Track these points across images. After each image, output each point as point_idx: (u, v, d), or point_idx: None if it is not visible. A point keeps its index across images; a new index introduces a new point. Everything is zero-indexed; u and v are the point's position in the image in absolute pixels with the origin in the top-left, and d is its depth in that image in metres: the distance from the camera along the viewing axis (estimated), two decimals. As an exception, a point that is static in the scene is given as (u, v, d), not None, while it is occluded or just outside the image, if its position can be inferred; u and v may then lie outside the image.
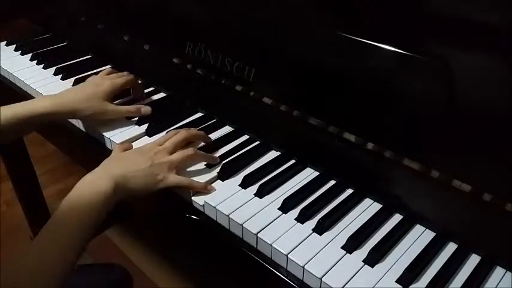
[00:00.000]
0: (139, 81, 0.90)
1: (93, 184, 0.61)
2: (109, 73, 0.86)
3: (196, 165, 0.71)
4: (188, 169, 0.70)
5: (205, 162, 0.71)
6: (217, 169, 0.70)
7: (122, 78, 0.84)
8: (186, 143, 0.72)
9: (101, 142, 0.80)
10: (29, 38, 1.16)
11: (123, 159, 0.67)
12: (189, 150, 0.69)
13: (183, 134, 0.72)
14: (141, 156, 0.67)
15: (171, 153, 0.68)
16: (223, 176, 0.69)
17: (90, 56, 1.08)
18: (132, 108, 0.81)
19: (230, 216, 0.62)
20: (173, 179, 0.66)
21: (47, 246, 0.55)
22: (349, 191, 0.68)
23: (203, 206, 0.65)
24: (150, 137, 0.79)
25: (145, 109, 0.82)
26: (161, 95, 0.92)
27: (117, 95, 0.84)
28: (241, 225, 0.61)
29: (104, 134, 0.79)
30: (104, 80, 0.83)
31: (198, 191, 0.67)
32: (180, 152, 0.69)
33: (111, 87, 0.81)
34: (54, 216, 0.57)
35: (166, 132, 0.79)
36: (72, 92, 0.82)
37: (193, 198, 0.66)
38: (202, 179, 0.68)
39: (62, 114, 0.77)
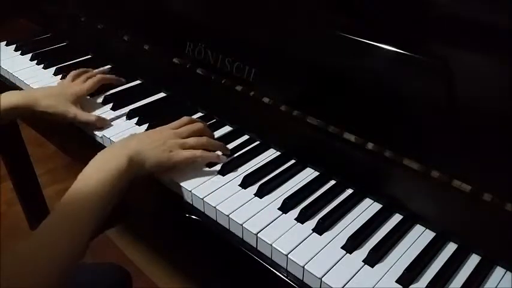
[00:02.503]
0: (109, 74, 0.94)
1: (108, 161, 0.63)
2: (78, 73, 0.89)
3: (197, 164, 0.71)
4: (189, 168, 0.70)
5: (209, 161, 0.71)
6: (218, 169, 0.70)
7: (88, 82, 0.86)
8: (199, 135, 0.73)
9: (101, 142, 0.80)
10: (29, 38, 1.16)
11: (137, 137, 0.70)
12: (203, 138, 0.72)
13: (199, 125, 0.74)
14: (155, 134, 0.70)
15: (185, 138, 0.70)
16: (223, 175, 0.70)
17: (90, 56, 1.08)
18: (91, 118, 0.82)
19: (230, 216, 0.62)
20: (185, 153, 0.68)
21: (59, 223, 0.56)
22: (349, 191, 0.68)
23: (203, 206, 0.65)
24: (150, 137, 0.79)
25: (102, 121, 0.82)
26: (161, 95, 0.92)
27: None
28: (241, 225, 0.61)
29: (104, 134, 0.79)
30: (73, 83, 0.86)
31: (212, 161, 0.70)
32: (194, 137, 0.71)
33: (78, 91, 0.84)
34: (68, 193, 0.58)
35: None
36: (42, 89, 0.89)
37: (193, 198, 0.66)
38: (202, 178, 0.68)
39: (27, 107, 0.80)
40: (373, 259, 0.57)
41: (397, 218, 0.63)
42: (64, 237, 0.54)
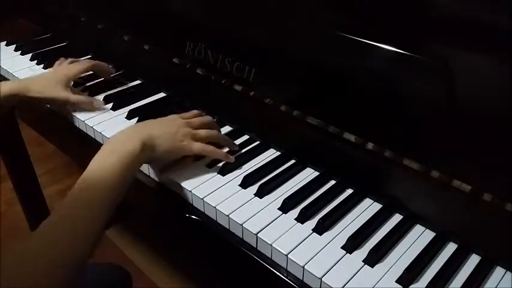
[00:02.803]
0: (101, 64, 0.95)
1: (121, 145, 0.63)
2: (65, 59, 0.92)
3: (197, 164, 0.71)
4: (189, 168, 0.70)
5: (217, 158, 0.71)
6: (218, 169, 0.70)
7: (76, 65, 0.88)
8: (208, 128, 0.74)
9: (101, 142, 0.80)
10: (29, 38, 1.16)
11: (151, 123, 0.70)
12: (214, 131, 0.72)
13: (209, 118, 0.75)
14: (168, 122, 0.70)
15: (195, 129, 0.71)
16: (223, 175, 0.70)
17: (90, 56, 1.08)
18: (83, 98, 0.84)
19: (230, 216, 0.62)
20: (197, 146, 0.68)
21: (61, 222, 0.55)
22: (349, 191, 0.68)
23: (203, 206, 0.65)
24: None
25: (97, 103, 0.85)
26: (161, 95, 0.92)
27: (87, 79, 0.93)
28: (241, 225, 0.61)
29: (104, 133, 0.79)
30: (61, 66, 0.89)
31: (220, 159, 0.71)
32: (205, 130, 0.71)
33: (66, 72, 0.85)
34: (79, 181, 0.58)
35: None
36: (34, 76, 0.90)
37: (193, 198, 0.66)
38: (202, 178, 0.68)
39: (20, 94, 0.81)
40: (373, 259, 0.57)
41: (397, 218, 0.63)
42: (65, 235, 0.53)
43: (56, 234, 0.53)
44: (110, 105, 0.87)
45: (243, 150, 0.75)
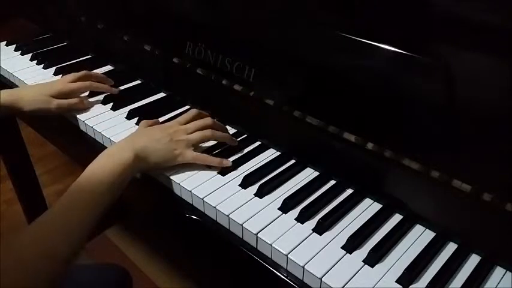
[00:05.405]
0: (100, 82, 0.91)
1: (115, 154, 0.65)
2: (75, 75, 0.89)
3: (197, 164, 0.71)
4: (189, 168, 0.70)
5: (212, 165, 0.71)
6: (218, 169, 0.70)
7: (76, 84, 0.86)
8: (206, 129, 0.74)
9: (101, 142, 0.80)
10: (29, 38, 1.16)
11: (145, 133, 0.71)
12: (207, 131, 0.73)
13: (207, 121, 0.74)
14: (161, 131, 0.70)
15: (190, 134, 0.71)
16: (223, 175, 0.69)
17: (90, 56, 1.08)
18: (72, 101, 0.84)
19: (230, 216, 0.62)
20: (190, 154, 0.69)
21: (68, 207, 0.58)
22: (349, 191, 0.68)
23: (203, 206, 0.65)
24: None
25: (88, 102, 0.85)
26: (161, 95, 0.92)
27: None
28: (241, 225, 0.61)
29: (104, 133, 0.79)
30: (59, 80, 0.88)
31: (214, 166, 0.70)
32: (199, 132, 0.72)
33: (61, 87, 0.84)
34: (74, 184, 0.60)
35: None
36: (27, 86, 0.92)
37: (193, 198, 0.66)
38: (202, 178, 0.68)
39: (12, 105, 0.82)
40: (373, 259, 0.57)
41: (397, 218, 0.63)
42: (58, 232, 0.55)
43: (49, 231, 0.55)
44: (110, 105, 0.87)
45: (243, 150, 0.75)
